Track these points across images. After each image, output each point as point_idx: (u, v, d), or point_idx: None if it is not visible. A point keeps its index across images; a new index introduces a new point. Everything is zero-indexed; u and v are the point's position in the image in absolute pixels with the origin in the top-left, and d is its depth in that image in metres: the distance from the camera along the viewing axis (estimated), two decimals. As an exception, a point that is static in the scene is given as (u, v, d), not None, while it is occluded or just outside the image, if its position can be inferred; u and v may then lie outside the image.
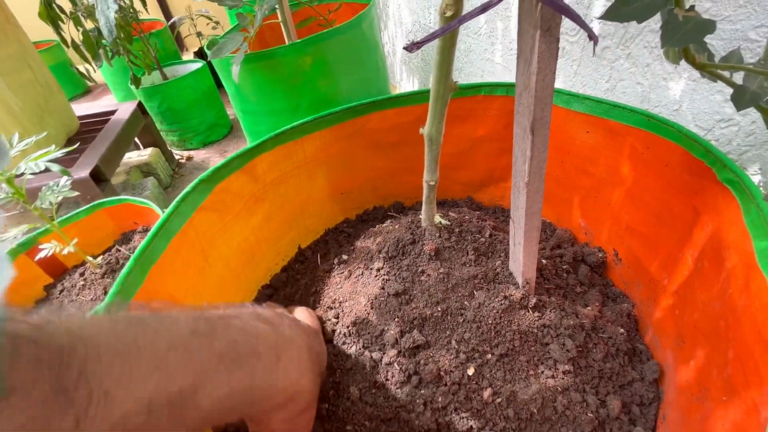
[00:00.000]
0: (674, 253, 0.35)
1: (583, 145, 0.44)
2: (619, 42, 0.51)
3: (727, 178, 0.28)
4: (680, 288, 0.33)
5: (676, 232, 0.35)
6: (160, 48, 1.62)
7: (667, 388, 0.33)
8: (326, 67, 0.79)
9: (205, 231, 0.35)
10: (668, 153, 0.35)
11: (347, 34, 0.78)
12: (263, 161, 0.40)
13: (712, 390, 0.24)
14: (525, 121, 0.26)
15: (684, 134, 0.33)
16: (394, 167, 0.52)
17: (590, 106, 0.41)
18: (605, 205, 0.44)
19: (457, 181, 0.56)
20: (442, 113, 0.30)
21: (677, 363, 0.32)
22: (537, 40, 0.22)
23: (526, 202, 0.29)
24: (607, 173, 0.42)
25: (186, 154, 1.45)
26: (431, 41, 0.24)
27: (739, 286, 0.23)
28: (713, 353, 0.25)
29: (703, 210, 0.30)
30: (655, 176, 0.37)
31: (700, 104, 0.43)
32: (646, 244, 0.39)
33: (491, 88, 0.47)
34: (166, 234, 0.30)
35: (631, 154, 0.39)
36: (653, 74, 0.47)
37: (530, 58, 0.24)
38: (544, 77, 0.24)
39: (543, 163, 0.27)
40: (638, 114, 0.37)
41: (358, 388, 0.31)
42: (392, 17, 1.32)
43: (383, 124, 0.48)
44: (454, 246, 0.38)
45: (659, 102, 0.48)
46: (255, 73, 0.77)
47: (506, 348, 0.33)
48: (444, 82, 0.28)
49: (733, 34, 0.38)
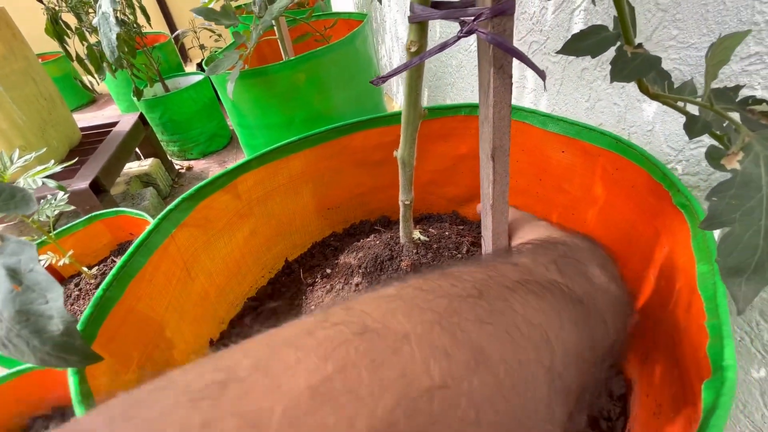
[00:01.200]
0: (640, 271, 0.36)
1: (559, 165, 0.45)
2: (596, 64, 0.53)
3: (680, 202, 0.29)
4: (646, 306, 0.34)
5: (640, 251, 0.36)
6: (163, 60, 1.66)
7: (633, 403, 0.34)
8: (320, 83, 0.81)
9: (188, 246, 0.37)
10: (634, 175, 0.36)
11: (340, 51, 0.81)
12: (247, 180, 0.42)
13: (664, 406, 0.25)
14: (487, 148, 0.28)
15: (646, 158, 0.34)
16: (379, 183, 0.54)
17: (564, 127, 0.43)
18: (581, 222, 0.45)
19: (442, 197, 0.58)
20: (413, 137, 0.32)
21: (641, 379, 0.33)
22: (492, 75, 0.24)
23: (492, 223, 0.31)
24: (582, 192, 0.44)
25: (186, 164, 1.48)
26: (395, 75, 0.26)
27: (684, 307, 0.24)
28: (665, 371, 0.26)
29: (663, 231, 0.32)
30: (624, 197, 0.38)
31: (671, 126, 0.45)
32: (620, 262, 0.40)
33: (471, 108, 0.49)
34: (147, 250, 0.32)
35: (602, 174, 0.41)
36: (628, 96, 0.49)
37: (488, 91, 0.25)
38: (500, 109, 0.25)
39: (505, 187, 0.29)
40: (607, 136, 0.39)
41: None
42: (389, 32, 1.36)
43: (367, 142, 0.50)
44: (430, 262, 0.39)
45: (634, 122, 0.49)
46: (251, 89, 0.80)
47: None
48: (413, 109, 0.30)
49: (699, 60, 0.40)
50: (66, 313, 0.14)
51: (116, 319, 0.29)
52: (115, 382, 0.28)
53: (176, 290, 0.35)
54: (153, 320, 0.32)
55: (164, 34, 1.97)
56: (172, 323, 0.34)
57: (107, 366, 0.28)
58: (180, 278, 0.36)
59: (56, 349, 0.14)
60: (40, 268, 0.15)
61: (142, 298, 0.31)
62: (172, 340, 0.33)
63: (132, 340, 0.30)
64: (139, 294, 0.30)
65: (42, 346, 0.13)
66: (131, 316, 0.30)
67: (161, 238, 0.34)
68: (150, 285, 0.31)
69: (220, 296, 0.42)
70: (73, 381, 0.24)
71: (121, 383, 0.29)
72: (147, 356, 0.31)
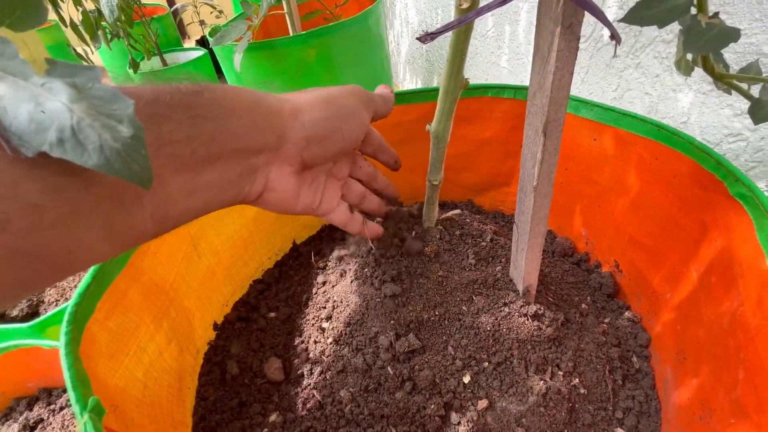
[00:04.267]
0: (678, 267, 0.34)
1: (589, 153, 0.43)
2: (629, 51, 0.50)
3: (739, 193, 0.27)
4: (683, 303, 0.32)
5: (681, 245, 0.34)
6: (161, 34, 1.60)
7: (665, 404, 0.32)
8: (330, 61, 0.77)
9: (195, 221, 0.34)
10: (677, 164, 0.34)
11: (353, 29, 0.77)
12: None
13: (718, 411, 0.23)
14: (537, 122, 0.25)
15: (695, 146, 0.32)
16: (396, 166, 0.51)
17: (599, 113, 0.41)
18: (608, 215, 0.43)
19: (458, 184, 0.55)
20: (451, 110, 0.29)
21: (677, 380, 0.31)
22: (557, 37, 0.21)
23: (533, 207, 0.28)
24: (612, 182, 0.42)
25: (182, 143, 1.43)
26: (445, 33, 0.23)
27: (752, 305, 0.22)
28: (720, 372, 0.24)
29: (712, 225, 0.29)
30: (662, 188, 0.36)
31: (709, 117, 0.43)
32: (650, 256, 0.38)
33: (499, 90, 0.46)
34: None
35: (638, 163, 0.38)
36: (662, 85, 0.47)
37: (548, 56, 0.23)
38: (561, 77, 0.23)
39: (553, 167, 0.27)
40: (648, 123, 0.36)
41: (349, 392, 0.30)
42: (399, 16, 1.31)
43: (386, 120, 0.46)
44: (454, 249, 0.37)
45: (667, 113, 0.47)
46: (257, 63, 0.75)
47: (503, 356, 0.32)
48: (455, 77, 0.27)
49: (748, 48, 0.37)
50: (136, 120, 0.13)
51: (116, 293, 0.26)
52: (111, 366, 0.25)
53: (182, 264, 0.32)
54: (160, 293, 0.29)
55: (163, 6, 1.89)
56: (176, 302, 0.31)
57: (104, 345, 0.26)
58: (186, 253, 0.33)
59: (126, 149, 0.13)
60: (103, 85, 0.14)
61: (145, 272, 0.28)
62: (176, 320, 0.30)
63: (133, 319, 0.27)
64: (143, 263, 0.27)
65: (113, 143, 0.13)
66: (133, 291, 0.27)
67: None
68: (155, 256, 0.29)
69: (226, 275, 0.39)
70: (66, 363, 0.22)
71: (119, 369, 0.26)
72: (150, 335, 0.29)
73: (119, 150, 0.13)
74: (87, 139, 0.12)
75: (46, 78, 0.13)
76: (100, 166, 0.13)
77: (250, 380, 0.34)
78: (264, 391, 0.33)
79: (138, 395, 0.26)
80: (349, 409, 0.30)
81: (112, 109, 0.13)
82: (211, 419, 0.31)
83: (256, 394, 0.33)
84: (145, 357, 0.29)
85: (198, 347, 0.37)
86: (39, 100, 0.13)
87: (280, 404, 0.32)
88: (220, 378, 0.35)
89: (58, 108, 0.13)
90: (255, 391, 0.33)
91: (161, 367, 0.30)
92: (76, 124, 0.12)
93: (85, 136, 0.12)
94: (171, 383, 0.29)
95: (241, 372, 0.35)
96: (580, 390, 0.32)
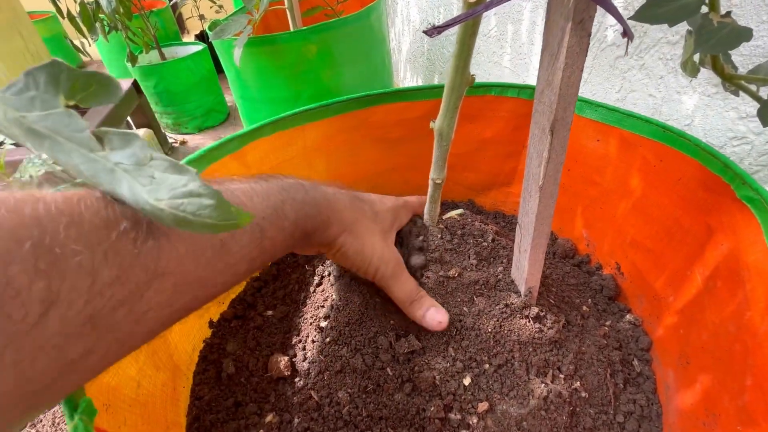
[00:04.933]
0: (682, 270, 0.34)
1: (593, 154, 0.43)
2: (633, 52, 0.50)
3: (746, 196, 0.27)
4: (687, 306, 0.32)
5: (685, 248, 0.34)
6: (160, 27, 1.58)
7: (667, 409, 0.32)
8: (331, 57, 0.77)
9: None
10: (682, 167, 0.34)
11: (355, 25, 0.76)
12: (257, 148, 0.38)
13: (723, 417, 0.23)
14: (544, 120, 0.25)
15: (701, 148, 0.31)
16: (396, 163, 0.51)
17: (603, 113, 0.40)
18: (610, 216, 0.43)
19: (459, 183, 0.55)
20: (456, 107, 0.29)
21: (679, 384, 0.31)
22: (567, 32, 0.21)
23: (538, 207, 0.28)
24: (614, 184, 0.41)
25: (180, 138, 1.41)
26: (453, 26, 0.22)
27: (761, 310, 0.22)
28: (725, 378, 0.24)
29: (718, 228, 0.29)
30: (667, 190, 0.36)
31: (713, 120, 0.42)
32: (652, 259, 0.38)
33: (502, 89, 0.46)
34: None
35: (642, 165, 0.38)
36: (666, 87, 0.46)
37: (557, 52, 0.22)
38: (570, 74, 0.22)
39: (560, 166, 0.26)
40: (653, 125, 0.36)
41: (347, 393, 0.30)
42: (400, 14, 1.31)
43: (388, 117, 0.46)
44: (455, 249, 0.36)
45: (671, 116, 0.47)
46: (257, 59, 0.75)
47: (504, 358, 0.31)
48: (461, 73, 0.26)
49: (754, 50, 0.37)
50: (209, 188, 0.15)
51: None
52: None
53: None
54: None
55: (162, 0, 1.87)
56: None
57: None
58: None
59: (220, 219, 0.15)
60: (158, 154, 0.15)
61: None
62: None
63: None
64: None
65: (208, 219, 0.14)
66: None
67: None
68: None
69: (223, 273, 0.39)
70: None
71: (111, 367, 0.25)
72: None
73: (215, 223, 0.14)
74: (190, 223, 0.14)
75: (109, 152, 0.14)
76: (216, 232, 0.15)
77: (247, 379, 0.33)
78: (260, 390, 0.32)
79: (131, 394, 0.26)
80: (347, 411, 0.29)
81: (184, 186, 0.14)
82: (206, 419, 0.31)
83: (252, 393, 0.32)
84: (140, 355, 0.28)
85: (193, 345, 0.37)
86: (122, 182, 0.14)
87: (276, 404, 0.31)
88: (216, 377, 0.34)
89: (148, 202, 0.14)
90: (251, 390, 0.33)
91: (155, 365, 0.29)
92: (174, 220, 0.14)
93: (188, 223, 0.14)
94: (165, 382, 0.29)
95: (237, 371, 0.34)
96: (582, 393, 0.32)
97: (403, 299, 0.31)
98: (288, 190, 0.26)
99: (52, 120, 0.14)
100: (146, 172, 0.14)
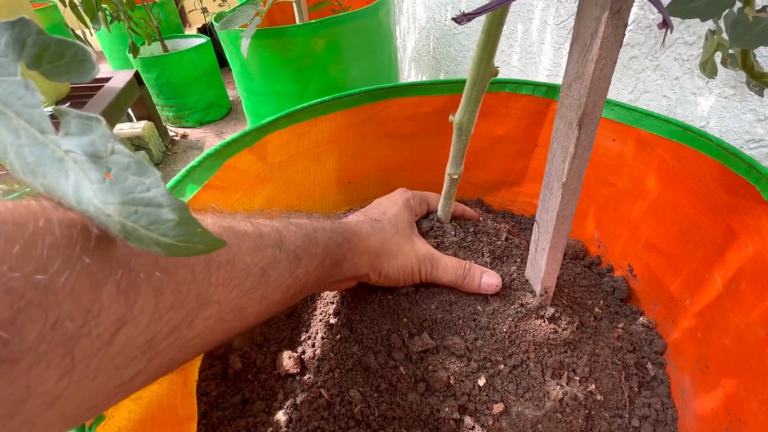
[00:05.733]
0: (700, 272, 0.33)
1: (608, 154, 0.42)
2: (648, 52, 0.49)
3: (774, 197, 0.26)
4: (705, 309, 0.32)
5: (703, 251, 0.33)
6: (162, 19, 1.57)
7: (683, 413, 0.31)
8: (338, 52, 0.76)
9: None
10: (702, 167, 0.33)
11: (364, 20, 0.76)
12: (273, 140, 0.37)
13: (751, 422, 0.22)
14: (572, 114, 0.24)
15: (724, 148, 0.31)
16: (406, 160, 0.50)
17: (620, 113, 0.40)
18: (624, 218, 0.42)
19: (468, 181, 0.54)
20: (478, 100, 0.28)
21: (698, 388, 0.30)
22: (603, 23, 0.20)
23: (560, 205, 0.27)
24: (630, 185, 0.41)
25: (181, 132, 1.40)
26: (483, 14, 0.21)
27: (794, 313, 0.21)
28: (754, 383, 0.23)
29: (742, 230, 0.28)
30: (685, 191, 0.35)
31: (730, 122, 0.42)
32: (668, 261, 0.37)
33: (516, 85, 0.45)
34: None
35: (659, 166, 0.37)
36: (682, 88, 0.46)
37: (590, 43, 0.21)
38: (603, 66, 0.21)
39: (585, 163, 0.25)
40: (672, 124, 0.35)
41: (359, 391, 0.29)
42: (406, 12, 1.30)
43: (400, 112, 0.45)
44: (469, 246, 0.36)
45: (685, 117, 0.46)
46: (263, 51, 0.74)
47: (519, 359, 0.30)
48: (486, 65, 0.26)
49: (775, 51, 0.37)
50: (173, 199, 0.12)
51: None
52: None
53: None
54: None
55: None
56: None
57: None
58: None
59: (180, 240, 0.12)
60: (121, 147, 0.12)
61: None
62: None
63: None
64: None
65: (165, 239, 0.12)
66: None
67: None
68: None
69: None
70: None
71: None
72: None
73: (175, 244, 0.12)
74: (140, 237, 0.11)
75: (63, 137, 0.12)
76: (170, 255, 0.12)
77: (254, 376, 0.33)
78: (268, 388, 0.32)
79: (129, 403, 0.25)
80: (359, 410, 0.28)
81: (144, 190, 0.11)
82: (213, 416, 0.30)
83: (260, 390, 0.31)
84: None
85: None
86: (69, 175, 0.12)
87: (285, 402, 0.30)
88: (222, 373, 0.33)
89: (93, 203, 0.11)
90: (259, 387, 0.32)
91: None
92: (121, 232, 0.12)
93: (137, 238, 0.12)
94: (173, 379, 0.28)
95: (244, 368, 0.33)
96: (597, 396, 0.31)
97: (454, 281, 0.31)
98: (318, 219, 0.26)
99: (4, 88, 0.12)
100: (101, 167, 0.12)
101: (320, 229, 0.25)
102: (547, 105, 0.45)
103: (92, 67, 0.12)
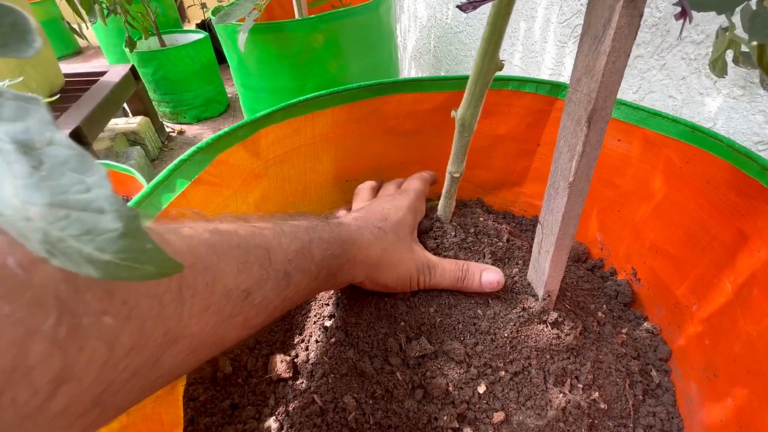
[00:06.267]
0: (708, 277, 0.32)
1: (612, 154, 0.41)
2: (653, 52, 0.48)
3: (790, 201, 0.25)
4: (713, 316, 0.30)
5: (711, 254, 0.32)
6: (160, 14, 1.55)
7: (689, 423, 0.30)
8: (338, 48, 0.74)
9: (201, 208, 0.31)
10: (711, 169, 0.32)
11: (364, 16, 0.74)
12: (267, 135, 0.36)
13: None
14: (580, 110, 0.23)
15: (735, 149, 0.30)
16: (406, 157, 0.49)
17: (626, 112, 0.38)
18: (628, 220, 0.41)
19: (469, 181, 0.53)
20: (482, 95, 0.27)
21: (705, 397, 0.29)
22: (617, 12, 0.19)
23: (566, 206, 0.26)
24: (635, 186, 0.40)
25: (178, 128, 1.38)
26: (488, 2, 0.20)
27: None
28: (766, 393, 0.22)
29: (754, 234, 0.27)
30: (693, 193, 0.34)
31: (738, 123, 0.41)
32: (674, 265, 0.36)
33: (520, 83, 0.44)
34: (153, 210, 0.26)
35: (666, 167, 0.36)
36: (689, 88, 0.45)
37: (602, 35, 0.20)
38: (616, 59, 0.20)
39: (593, 161, 0.24)
40: (681, 124, 0.34)
41: (353, 398, 0.28)
42: (406, 11, 1.29)
43: (400, 108, 0.44)
44: (470, 248, 0.34)
45: (692, 118, 0.45)
46: (261, 46, 0.72)
47: (521, 366, 0.29)
48: (491, 58, 0.24)
49: (786, 51, 0.36)
50: (120, 203, 0.09)
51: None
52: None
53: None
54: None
55: (163, -14, 1.83)
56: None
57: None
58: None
59: (122, 257, 0.09)
60: (63, 138, 0.09)
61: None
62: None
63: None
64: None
65: (101, 255, 0.09)
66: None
67: (170, 195, 0.28)
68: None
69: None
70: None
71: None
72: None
73: (115, 263, 0.09)
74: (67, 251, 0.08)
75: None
76: (107, 278, 0.09)
77: (244, 380, 0.31)
78: (259, 392, 0.30)
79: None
80: (353, 417, 0.27)
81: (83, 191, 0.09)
82: (200, 422, 0.28)
83: (251, 395, 0.30)
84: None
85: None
86: None
87: (276, 408, 0.29)
88: (211, 376, 0.32)
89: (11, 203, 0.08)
90: (249, 392, 0.30)
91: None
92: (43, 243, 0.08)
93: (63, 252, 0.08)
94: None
95: (234, 371, 0.32)
96: (600, 405, 0.30)
97: (453, 284, 0.30)
98: (315, 229, 0.24)
99: None
100: (32, 159, 0.09)
101: (317, 240, 0.23)
102: (551, 103, 0.44)
103: (33, 40, 0.10)
